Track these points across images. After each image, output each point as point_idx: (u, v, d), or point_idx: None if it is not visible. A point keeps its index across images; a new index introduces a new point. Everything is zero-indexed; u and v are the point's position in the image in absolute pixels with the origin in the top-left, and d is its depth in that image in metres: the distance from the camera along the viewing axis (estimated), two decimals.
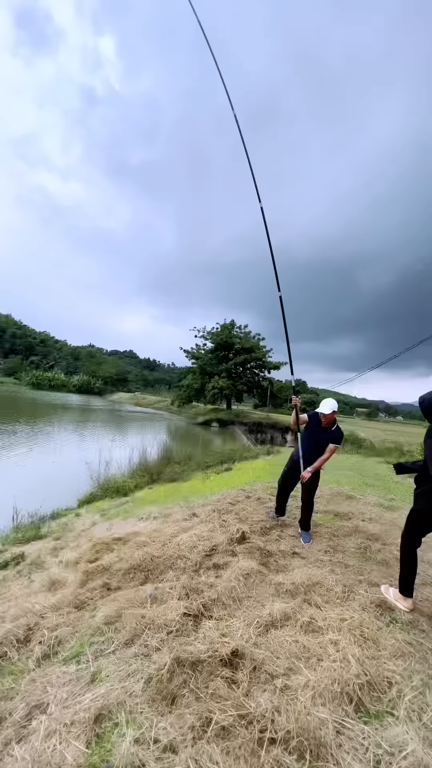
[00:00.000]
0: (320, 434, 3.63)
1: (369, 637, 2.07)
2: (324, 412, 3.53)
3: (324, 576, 2.81)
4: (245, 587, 2.59)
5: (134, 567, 3.04)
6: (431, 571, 3.19)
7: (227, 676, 1.76)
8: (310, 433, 3.68)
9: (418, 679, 1.81)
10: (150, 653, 1.96)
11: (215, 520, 4.08)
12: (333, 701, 1.62)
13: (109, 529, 4.99)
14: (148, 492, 8.19)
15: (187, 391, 45.22)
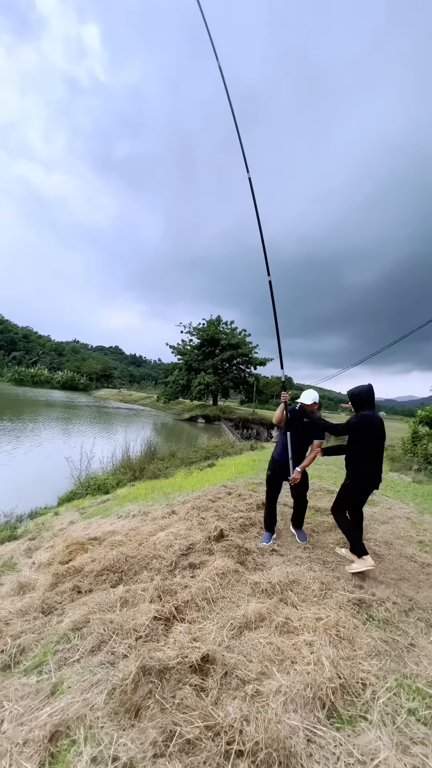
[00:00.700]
0: (305, 429, 3.53)
1: (345, 637, 2.02)
2: (305, 402, 3.43)
3: (302, 573, 2.75)
4: (220, 587, 2.51)
5: (107, 568, 2.92)
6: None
7: (196, 684, 1.67)
8: (294, 429, 3.50)
9: (393, 680, 1.77)
10: (116, 661, 1.85)
11: (194, 517, 3.99)
12: (305, 707, 1.56)
13: (87, 528, 4.83)
14: (130, 489, 8.03)
15: (173, 387, 44.90)
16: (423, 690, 1.72)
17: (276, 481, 3.59)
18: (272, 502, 3.60)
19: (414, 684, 1.75)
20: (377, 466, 2.98)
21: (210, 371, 42.13)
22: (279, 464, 3.55)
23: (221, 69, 3.74)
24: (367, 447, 2.95)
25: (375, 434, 2.94)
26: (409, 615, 2.38)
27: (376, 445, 2.96)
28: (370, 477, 2.97)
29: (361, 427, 2.93)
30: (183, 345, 45.71)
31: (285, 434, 3.46)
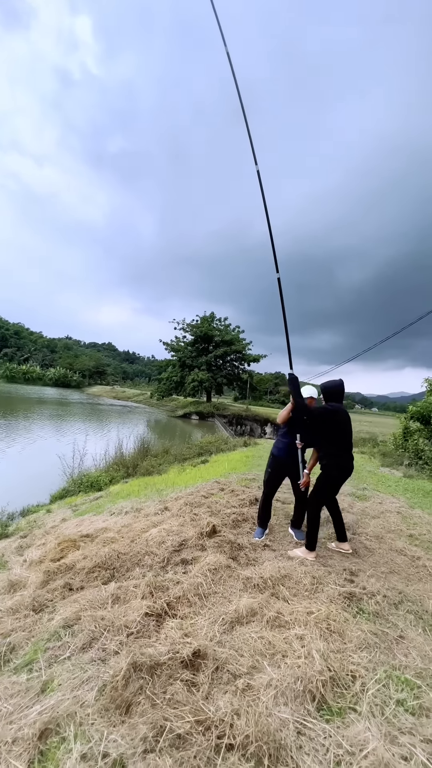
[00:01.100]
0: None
1: (335, 630, 2.04)
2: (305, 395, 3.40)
3: (293, 568, 2.77)
4: (212, 583, 2.51)
5: (99, 565, 2.91)
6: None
7: (187, 679, 1.68)
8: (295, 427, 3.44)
9: (382, 671, 1.79)
10: (107, 658, 1.85)
11: (186, 513, 3.99)
12: (295, 700, 1.57)
13: (79, 525, 4.81)
14: (123, 486, 8.01)
15: (166, 383, 44.79)
16: (411, 681, 1.74)
17: (277, 478, 3.60)
18: (270, 498, 3.60)
19: (403, 675, 1.77)
20: (350, 453, 3.15)
21: (204, 368, 42.11)
22: (279, 461, 3.54)
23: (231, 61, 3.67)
24: (339, 436, 3.10)
25: (345, 423, 3.11)
26: (399, 608, 2.41)
27: (347, 435, 3.13)
28: (345, 465, 3.12)
29: (333, 414, 3.07)
30: (177, 341, 45.59)
31: (289, 434, 3.46)
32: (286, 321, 3.32)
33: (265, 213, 3.42)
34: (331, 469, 3.11)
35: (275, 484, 3.61)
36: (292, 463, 3.46)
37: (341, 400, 3.21)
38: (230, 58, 3.69)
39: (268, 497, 3.59)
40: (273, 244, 3.34)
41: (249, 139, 3.54)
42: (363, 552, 3.31)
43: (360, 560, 3.13)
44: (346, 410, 3.19)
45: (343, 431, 3.12)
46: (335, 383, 3.19)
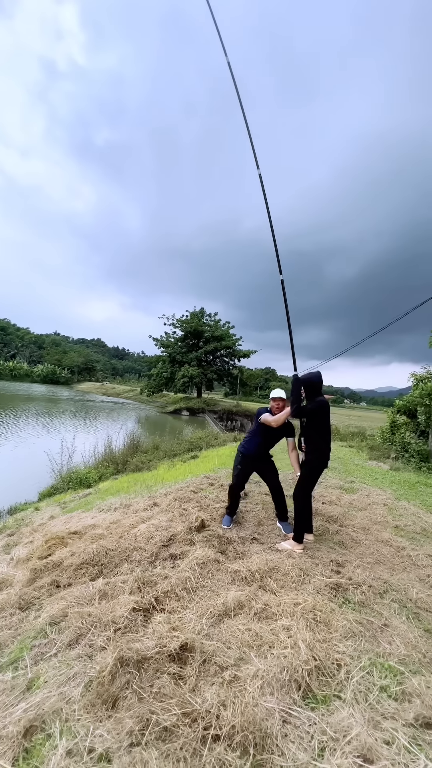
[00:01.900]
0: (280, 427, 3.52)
1: (321, 620, 2.07)
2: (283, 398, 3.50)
3: (281, 561, 2.80)
4: (200, 577, 2.52)
5: (87, 562, 2.89)
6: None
7: (174, 672, 1.68)
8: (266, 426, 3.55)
9: (366, 659, 1.82)
10: (94, 653, 1.84)
11: (175, 509, 3.99)
12: (281, 689, 1.59)
13: (67, 522, 4.77)
14: (112, 483, 7.97)
15: (156, 379, 44.60)
16: (394, 667, 1.78)
17: (246, 474, 3.77)
18: (238, 491, 3.78)
19: (386, 662, 1.81)
20: (330, 445, 3.22)
21: (194, 363, 42.02)
22: (249, 459, 3.69)
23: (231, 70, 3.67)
24: (323, 429, 3.15)
25: (328, 417, 3.19)
26: (384, 597, 2.45)
27: (329, 427, 3.21)
28: (326, 456, 3.19)
29: (320, 409, 3.14)
30: (166, 337, 45.36)
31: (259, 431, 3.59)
32: (290, 322, 3.34)
33: (268, 216, 3.42)
34: (316, 462, 3.16)
35: (244, 479, 3.79)
36: (261, 460, 3.69)
37: (321, 392, 3.25)
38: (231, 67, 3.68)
39: (236, 490, 3.75)
40: (276, 247, 3.35)
41: (251, 145, 3.54)
42: (350, 543, 3.36)
43: (347, 551, 3.18)
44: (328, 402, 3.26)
45: (328, 424, 3.20)
46: (317, 376, 3.21)
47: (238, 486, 3.75)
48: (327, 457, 3.18)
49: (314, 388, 3.19)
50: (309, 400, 3.18)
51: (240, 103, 3.64)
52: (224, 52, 3.71)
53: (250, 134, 3.58)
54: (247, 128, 3.60)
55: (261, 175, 3.46)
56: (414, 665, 1.83)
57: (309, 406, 3.14)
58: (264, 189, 3.44)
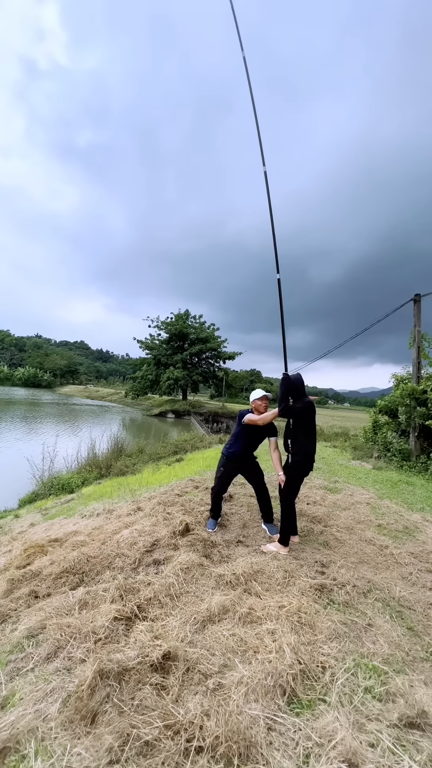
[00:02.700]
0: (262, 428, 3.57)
1: (306, 623, 2.05)
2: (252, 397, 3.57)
3: (266, 563, 2.78)
4: (184, 582, 2.47)
5: (67, 570, 2.80)
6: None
7: (157, 683, 1.63)
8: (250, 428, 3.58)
9: (351, 660, 1.82)
10: (73, 667, 1.77)
11: (159, 513, 3.92)
12: (266, 696, 1.56)
13: (48, 530, 4.63)
14: (96, 487, 7.81)
15: (141, 382, 44.16)
16: (378, 668, 1.78)
17: (229, 477, 3.74)
18: (221, 494, 3.76)
19: (370, 663, 1.81)
20: (315, 447, 3.24)
21: (179, 366, 41.82)
22: (233, 461, 3.66)
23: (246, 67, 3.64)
24: (309, 429, 3.17)
25: (314, 418, 3.22)
26: (368, 596, 2.47)
27: (314, 428, 3.24)
28: (312, 457, 3.19)
29: (309, 409, 3.15)
30: (151, 339, 45.01)
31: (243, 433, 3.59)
32: (283, 321, 3.33)
33: (270, 213, 3.41)
34: (302, 464, 3.16)
35: (227, 482, 3.75)
36: (246, 462, 3.67)
37: (305, 393, 3.26)
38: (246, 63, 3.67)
39: (219, 493, 3.73)
40: (275, 245, 3.33)
41: (259, 142, 3.52)
42: (334, 543, 3.38)
43: (331, 552, 3.19)
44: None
45: (314, 425, 3.22)
46: (300, 378, 3.21)
47: (221, 489, 3.72)
48: (312, 459, 3.18)
49: (300, 390, 3.19)
50: (294, 402, 3.19)
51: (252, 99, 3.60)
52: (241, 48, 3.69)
53: (259, 132, 3.55)
54: (257, 124, 3.56)
55: (266, 173, 3.45)
56: (397, 664, 1.84)
57: (298, 406, 3.13)
58: (268, 186, 3.44)
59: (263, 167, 3.45)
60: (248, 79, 3.65)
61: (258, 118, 3.53)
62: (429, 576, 2.83)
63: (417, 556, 3.18)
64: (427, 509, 4.79)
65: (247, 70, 3.66)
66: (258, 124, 3.56)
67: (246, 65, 3.66)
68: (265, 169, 3.45)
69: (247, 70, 3.66)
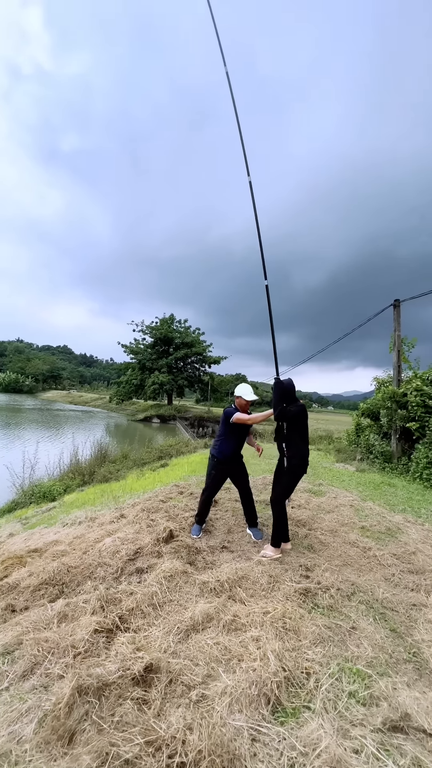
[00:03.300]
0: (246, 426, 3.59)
1: (290, 628, 2.04)
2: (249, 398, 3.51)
3: (251, 569, 2.76)
4: (168, 591, 2.42)
5: (46, 582, 2.70)
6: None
7: (138, 697, 1.58)
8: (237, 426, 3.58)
9: (335, 665, 1.81)
10: (50, 684, 1.70)
11: (143, 520, 3.86)
12: (250, 705, 1.53)
13: (27, 540, 4.48)
14: (78, 495, 7.63)
15: (126, 387, 43.66)
16: (363, 671, 1.78)
17: (221, 480, 3.70)
18: (212, 498, 3.73)
19: (354, 666, 1.81)
20: (308, 449, 3.29)
21: (164, 370, 41.58)
22: (224, 463, 3.62)
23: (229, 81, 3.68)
24: (303, 432, 3.20)
25: (306, 421, 3.24)
26: (352, 599, 2.47)
27: (307, 431, 3.27)
28: (306, 459, 3.24)
29: (302, 413, 3.18)
30: (136, 344, 44.63)
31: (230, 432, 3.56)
32: (273, 327, 3.33)
33: (256, 221, 3.43)
34: (298, 467, 3.17)
35: (219, 485, 3.72)
36: (236, 463, 3.65)
37: (296, 398, 3.27)
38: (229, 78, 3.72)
39: (210, 498, 3.70)
40: (262, 252, 3.35)
41: (243, 154, 3.55)
42: (318, 547, 3.39)
43: (315, 555, 3.20)
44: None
45: (307, 428, 3.24)
46: (291, 383, 3.23)
47: (212, 494, 3.69)
48: (307, 461, 3.22)
49: (290, 395, 3.19)
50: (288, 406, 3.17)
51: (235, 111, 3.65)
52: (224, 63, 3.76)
53: (243, 143, 3.60)
54: (240, 136, 3.62)
55: (251, 182, 3.49)
56: (381, 667, 1.84)
57: (293, 409, 3.12)
58: (253, 195, 3.48)
59: (248, 177, 3.50)
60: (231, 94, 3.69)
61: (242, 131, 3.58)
62: (411, 577, 2.86)
63: (399, 557, 3.21)
64: (408, 510, 4.87)
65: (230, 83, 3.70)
66: (242, 138, 3.60)
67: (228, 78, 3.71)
68: (249, 179, 3.49)
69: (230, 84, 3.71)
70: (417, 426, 7.60)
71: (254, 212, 3.46)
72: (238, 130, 3.62)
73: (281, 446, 3.25)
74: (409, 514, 4.67)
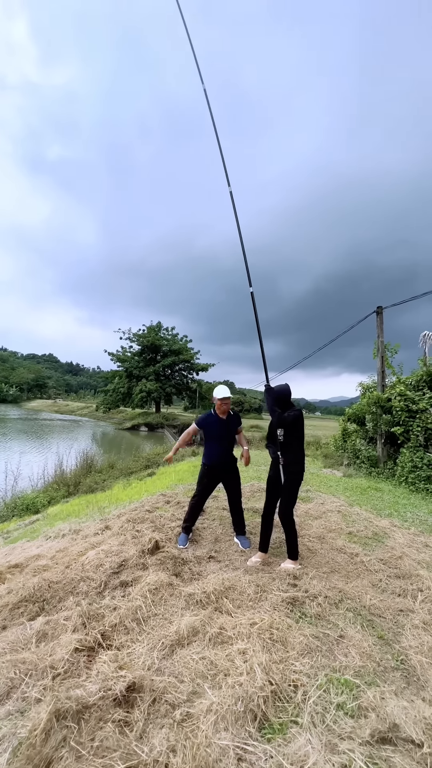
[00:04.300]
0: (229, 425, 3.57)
1: (278, 639, 2.00)
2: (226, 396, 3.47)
3: (238, 578, 2.71)
4: (152, 604, 2.36)
5: (25, 599, 2.59)
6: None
7: (120, 719, 1.52)
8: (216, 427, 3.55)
9: (323, 675, 1.78)
10: (27, 708, 1.61)
11: (128, 531, 3.76)
12: (236, 723, 1.48)
13: (8, 555, 4.32)
14: (62, 506, 7.44)
15: (113, 395, 43.23)
16: (350, 681, 1.75)
17: (210, 488, 3.66)
18: (201, 505, 3.69)
19: (342, 677, 1.78)
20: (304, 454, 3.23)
21: (152, 378, 41.37)
22: (215, 469, 3.59)
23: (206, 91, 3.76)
24: (301, 438, 3.16)
25: (303, 426, 3.19)
26: (339, 606, 2.45)
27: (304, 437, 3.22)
28: (304, 465, 3.19)
29: (300, 419, 3.14)
30: (123, 352, 44.36)
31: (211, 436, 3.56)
32: (260, 334, 3.33)
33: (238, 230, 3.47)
34: (299, 474, 3.13)
35: (208, 491, 3.66)
36: (227, 470, 3.60)
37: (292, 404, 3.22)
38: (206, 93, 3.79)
39: (198, 504, 3.64)
40: (245, 259, 3.37)
41: (223, 166, 3.61)
42: (306, 554, 3.36)
43: (303, 562, 3.17)
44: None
45: (303, 433, 3.21)
46: (287, 388, 3.18)
47: (200, 500, 3.64)
48: (304, 467, 3.19)
49: (285, 401, 3.15)
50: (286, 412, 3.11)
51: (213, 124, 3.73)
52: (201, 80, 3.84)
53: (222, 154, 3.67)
54: (220, 148, 3.68)
55: (232, 192, 3.54)
56: (369, 676, 1.82)
57: (292, 414, 3.07)
58: (234, 205, 3.53)
59: (228, 188, 3.55)
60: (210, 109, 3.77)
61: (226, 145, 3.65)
62: (398, 582, 2.86)
63: (386, 563, 3.22)
64: (394, 514, 4.91)
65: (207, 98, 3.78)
66: (221, 150, 3.67)
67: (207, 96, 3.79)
68: (230, 190, 3.54)
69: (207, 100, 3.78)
70: (401, 430, 7.72)
71: (236, 221, 3.50)
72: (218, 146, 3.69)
73: (277, 454, 3.11)
74: (395, 518, 4.71)
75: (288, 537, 3.11)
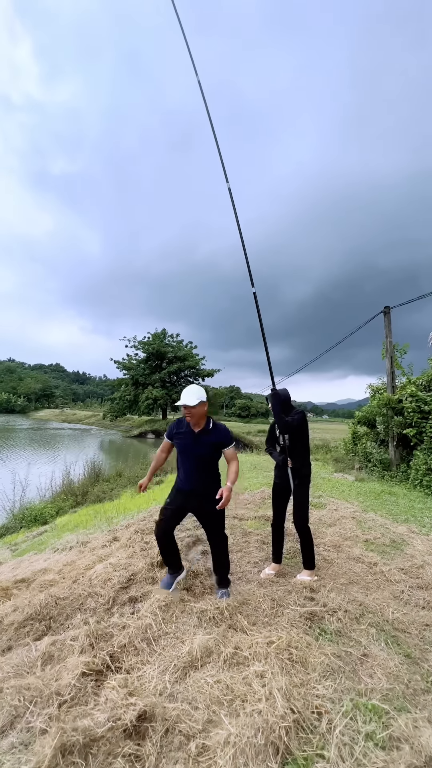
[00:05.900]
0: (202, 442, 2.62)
1: (297, 660, 1.87)
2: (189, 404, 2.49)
3: (252, 592, 2.59)
4: (163, 622, 2.24)
5: (31, 617, 2.50)
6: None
7: (130, 753, 1.40)
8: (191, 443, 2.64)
9: (348, 700, 1.65)
10: (32, 740, 1.51)
11: (137, 542, 3.66)
12: (257, 757, 1.36)
13: (15, 568, 4.24)
14: (70, 517, 7.36)
15: (119, 403, 43.31)
16: (378, 707, 1.62)
17: (174, 516, 2.69)
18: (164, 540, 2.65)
19: (369, 702, 1.64)
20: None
21: (158, 385, 41.38)
22: (182, 494, 2.69)
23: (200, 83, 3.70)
24: (306, 441, 3.06)
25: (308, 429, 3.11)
26: (361, 621, 2.31)
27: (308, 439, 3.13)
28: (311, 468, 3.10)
29: (305, 421, 3.05)
30: (129, 359, 44.49)
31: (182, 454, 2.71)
32: (264, 336, 3.21)
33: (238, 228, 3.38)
34: (308, 477, 3.05)
35: (170, 521, 2.66)
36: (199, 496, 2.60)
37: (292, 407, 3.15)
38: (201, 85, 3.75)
39: (160, 538, 2.65)
40: (247, 258, 3.29)
41: (220, 159, 3.53)
42: (322, 564, 3.22)
43: (319, 573, 3.03)
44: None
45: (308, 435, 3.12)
46: (287, 393, 3.12)
47: (160, 530, 2.64)
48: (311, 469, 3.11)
49: (289, 404, 3.09)
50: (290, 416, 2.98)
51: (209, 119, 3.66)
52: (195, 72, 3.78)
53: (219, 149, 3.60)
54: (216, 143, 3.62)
55: (230, 189, 3.47)
56: (398, 700, 1.68)
57: (297, 418, 2.92)
58: (233, 201, 3.45)
59: (227, 184, 3.47)
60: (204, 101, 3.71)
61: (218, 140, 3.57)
62: (421, 593, 2.72)
63: (407, 572, 3.06)
64: (411, 520, 4.73)
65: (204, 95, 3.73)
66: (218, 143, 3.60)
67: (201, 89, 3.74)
68: (228, 186, 3.47)
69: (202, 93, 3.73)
70: (414, 432, 7.53)
71: (236, 217, 3.41)
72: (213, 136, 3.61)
73: (284, 459, 2.93)
74: (413, 523, 4.53)
75: (304, 546, 2.97)
